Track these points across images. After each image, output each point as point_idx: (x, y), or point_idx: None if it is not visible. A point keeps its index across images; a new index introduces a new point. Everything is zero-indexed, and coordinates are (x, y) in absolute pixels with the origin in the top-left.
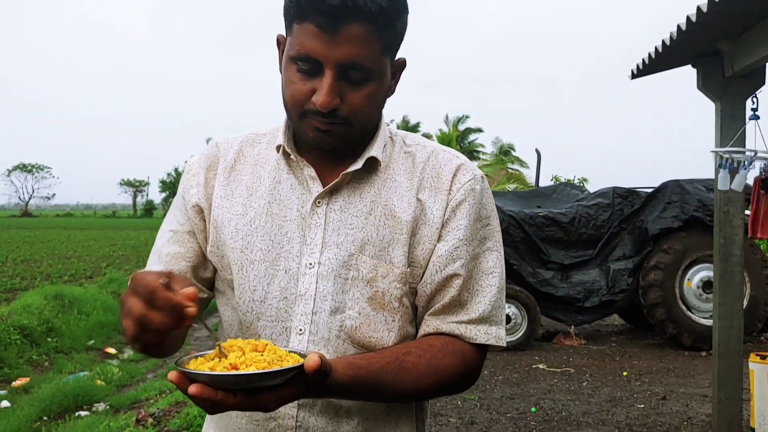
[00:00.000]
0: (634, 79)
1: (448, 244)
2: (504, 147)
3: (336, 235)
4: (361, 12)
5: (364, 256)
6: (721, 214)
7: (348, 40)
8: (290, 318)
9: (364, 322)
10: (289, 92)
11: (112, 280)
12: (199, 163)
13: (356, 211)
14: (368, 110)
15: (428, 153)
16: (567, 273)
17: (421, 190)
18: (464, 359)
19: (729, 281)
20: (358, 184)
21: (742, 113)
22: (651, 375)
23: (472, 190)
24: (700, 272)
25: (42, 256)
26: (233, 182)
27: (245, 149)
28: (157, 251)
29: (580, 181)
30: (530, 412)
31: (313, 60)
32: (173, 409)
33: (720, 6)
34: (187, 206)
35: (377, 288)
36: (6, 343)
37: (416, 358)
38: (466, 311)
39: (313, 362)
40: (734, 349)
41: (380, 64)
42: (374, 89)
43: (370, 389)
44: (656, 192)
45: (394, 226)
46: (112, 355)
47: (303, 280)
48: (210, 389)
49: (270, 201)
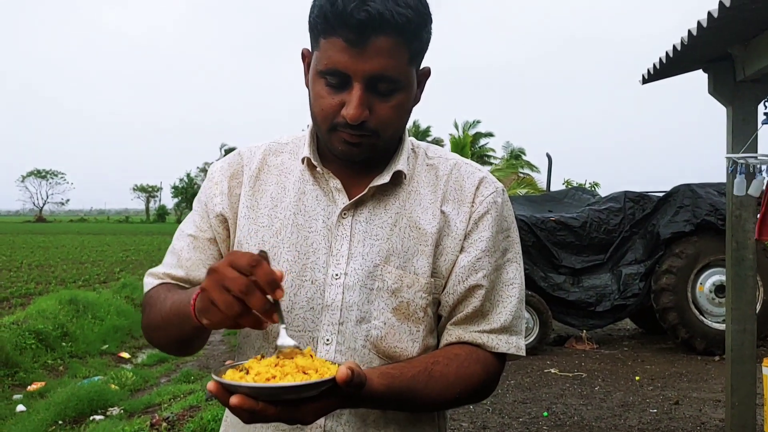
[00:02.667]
0: (644, 84)
1: (471, 256)
2: (515, 151)
3: (362, 246)
4: (388, 25)
5: (390, 266)
6: (733, 218)
7: (376, 53)
8: (317, 328)
9: (389, 332)
10: (318, 106)
11: (126, 284)
12: (222, 172)
13: (381, 223)
14: (396, 121)
15: (451, 166)
16: (579, 277)
17: (444, 202)
18: (487, 368)
19: (742, 285)
20: (382, 196)
21: (754, 117)
22: (663, 379)
23: (494, 203)
24: (712, 276)
25: (56, 261)
26: (258, 192)
27: (268, 159)
28: (175, 254)
29: (591, 185)
30: (542, 416)
31: (342, 74)
32: (187, 414)
33: (731, 11)
34: (210, 214)
35: (402, 298)
36: (21, 348)
37: (444, 367)
38: (487, 321)
39: (343, 374)
40: (747, 353)
41: (407, 75)
42: (402, 100)
43: (403, 399)
44: (668, 196)
45: (419, 237)
46: (126, 359)
47: (329, 291)
48: (251, 400)
49: (295, 212)
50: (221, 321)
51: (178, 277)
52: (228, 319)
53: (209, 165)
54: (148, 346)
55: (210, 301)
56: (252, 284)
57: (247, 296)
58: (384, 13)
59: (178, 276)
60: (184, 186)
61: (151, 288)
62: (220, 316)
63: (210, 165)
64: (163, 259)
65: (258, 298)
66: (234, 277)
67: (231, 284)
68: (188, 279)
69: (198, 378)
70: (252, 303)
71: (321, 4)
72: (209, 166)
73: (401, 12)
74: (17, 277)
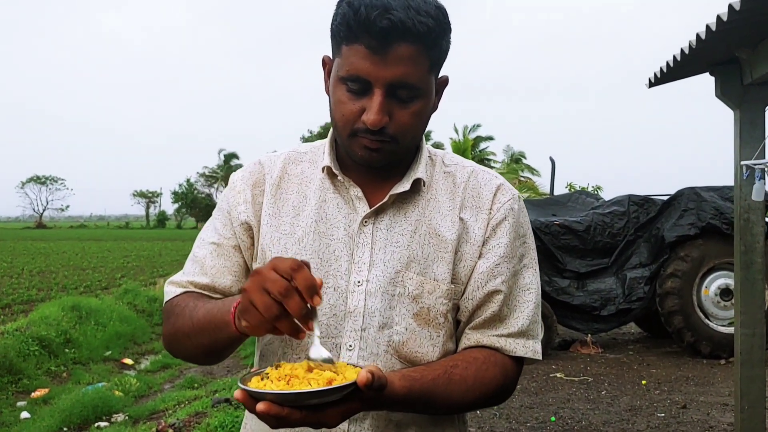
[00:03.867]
0: (651, 88)
1: (489, 261)
2: (515, 155)
3: (383, 254)
4: (410, 33)
5: (411, 273)
6: (741, 222)
7: (397, 60)
8: (340, 334)
9: (410, 338)
10: (339, 112)
11: (128, 290)
12: (244, 180)
13: (401, 230)
14: (415, 128)
15: (468, 173)
16: (583, 281)
17: (462, 209)
18: (505, 371)
19: (750, 289)
20: (402, 203)
21: (762, 120)
22: (670, 383)
23: (511, 210)
24: (717, 280)
25: (57, 268)
26: (280, 201)
27: (289, 168)
28: (198, 261)
29: (594, 188)
30: (550, 421)
31: (363, 80)
32: (193, 420)
33: (740, 14)
34: (234, 222)
35: (423, 304)
36: (25, 355)
37: (463, 370)
38: (505, 325)
39: (364, 378)
40: (757, 357)
41: (427, 82)
42: (421, 107)
43: (424, 401)
44: (672, 199)
45: (439, 244)
46: (129, 365)
47: (352, 298)
48: (277, 406)
49: (317, 220)
50: (259, 323)
51: (202, 285)
52: (266, 322)
53: (209, 170)
54: (151, 352)
55: (250, 302)
56: (291, 288)
57: (286, 299)
58: (406, 22)
59: (203, 283)
60: (184, 191)
61: (174, 296)
62: (259, 318)
63: (207, 169)
64: (184, 268)
65: (296, 301)
66: (275, 279)
67: (271, 286)
68: (213, 286)
69: (202, 384)
70: (290, 306)
71: (344, 12)
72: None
73: (422, 21)
74: (18, 284)
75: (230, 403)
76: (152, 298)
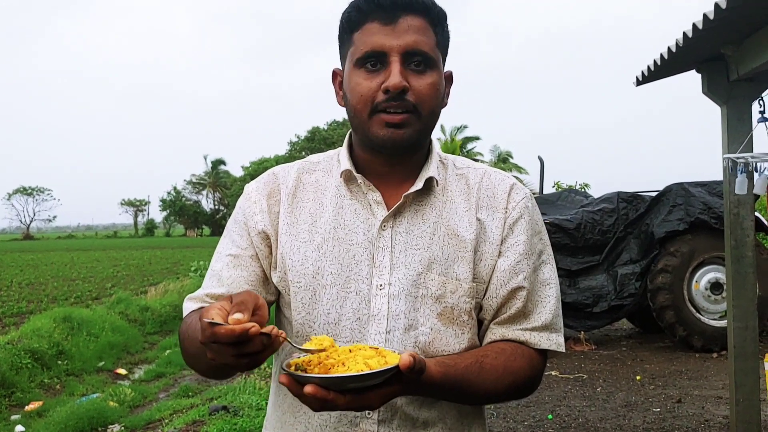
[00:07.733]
0: (639, 86)
1: (510, 259)
2: (502, 154)
3: (403, 256)
4: (416, 5)
5: (432, 274)
6: (731, 216)
7: (407, 30)
8: (365, 338)
9: (436, 337)
10: (358, 93)
11: (120, 300)
12: (259, 191)
13: (420, 232)
14: (433, 99)
15: (480, 174)
16: (575, 279)
17: (479, 209)
18: (532, 363)
19: (742, 283)
20: (419, 206)
21: (749, 116)
22: (664, 378)
23: (526, 207)
24: (707, 274)
25: (47, 279)
26: (296, 209)
27: (303, 177)
28: (215, 274)
29: (582, 186)
30: (547, 419)
31: (379, 53)
32: (191, 428)
33: (726, 12)
34: (251, 232)
35: (446, 303)
36: (18, 368)
37: (493, 359)
38: (529, 320)
39: (406, 361)
40: (750, 350)
41: (437, 57)
42: (436, 79)
43: (458, 388)
44: (661, 195)
45: (458, 244)
46: (123, 375)
47: (375, 301)
48: (323, 389)
49: (335, 226)
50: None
51: (218, 296)
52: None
53: (196, 177)
54: (144, 361)
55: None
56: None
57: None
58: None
59: (218, 294)
60: (172, 199)
61: (189, 313)
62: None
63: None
64: (203, 282)
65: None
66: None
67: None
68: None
69: (197, 392)
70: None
71: (352, 4)
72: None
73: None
74: (8, 296)
75: (227, 411)
76: (144, 307)
